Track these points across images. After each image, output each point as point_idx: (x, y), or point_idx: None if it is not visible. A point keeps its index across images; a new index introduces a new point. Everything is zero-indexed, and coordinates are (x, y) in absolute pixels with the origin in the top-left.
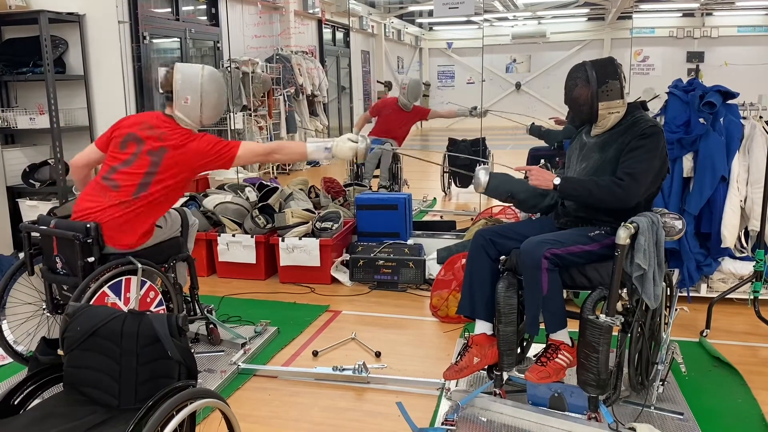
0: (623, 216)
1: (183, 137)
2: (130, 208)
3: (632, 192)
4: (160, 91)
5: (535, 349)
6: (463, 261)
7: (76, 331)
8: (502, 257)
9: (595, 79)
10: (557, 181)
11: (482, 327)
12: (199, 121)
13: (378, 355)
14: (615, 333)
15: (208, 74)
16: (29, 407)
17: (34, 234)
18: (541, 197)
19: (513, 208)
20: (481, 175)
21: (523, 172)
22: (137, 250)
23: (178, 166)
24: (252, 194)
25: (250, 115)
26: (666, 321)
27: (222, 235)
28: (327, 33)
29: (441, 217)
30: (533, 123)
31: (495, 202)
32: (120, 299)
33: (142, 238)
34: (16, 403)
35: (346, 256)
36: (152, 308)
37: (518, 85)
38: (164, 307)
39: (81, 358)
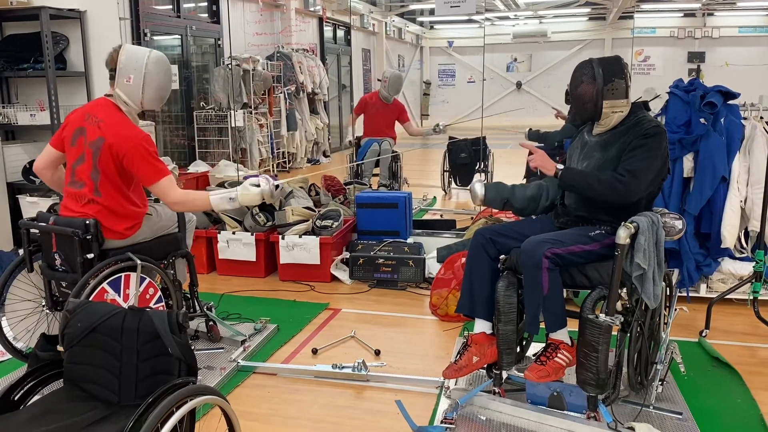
0: (623, 216)
1: (121, 125)
2: (101, 206)
3: (632, 188)
4: (108, 69)
5: (535, 348)
6: (463, 260)
7: (77, 327)
8: (502, 256)
9: (601, 77)
10: (560, 166)
11: (482, 326)
12: (140, 102)
13: (377, 353)
14: (614, 332)
15: (155, 56)
16: (29, 403)
17: (33, 231)
18: (536, 202)
19: None
20: (477, 188)
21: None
22: (133, 243)
23: (113, 157)
24: None
25: (251, 113)
26: (665, 321)
27: (222, 232)
28: (328, 31)
29: (441, 215)
30: (530, 129)
31: None
32: (119, 295)
33: (130, 229)
34: (16, 398)
35: (346, 255)
36: (151, 305)
37: (519, 85)
38: (163, 303)
39: (81, 355)
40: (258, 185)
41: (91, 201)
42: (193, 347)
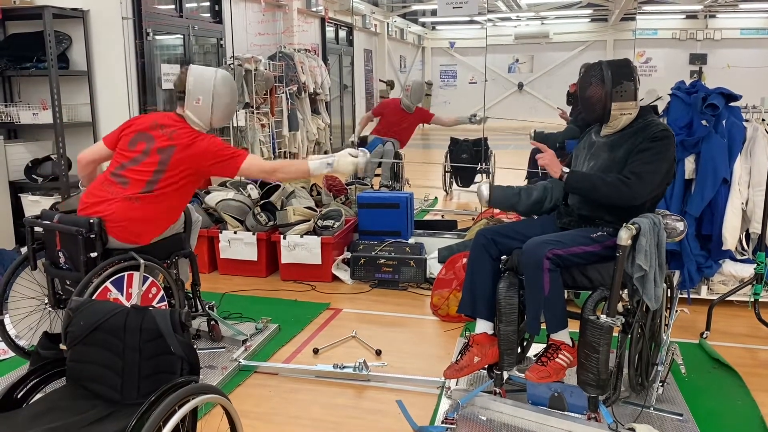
0: (625, 217)
1: (191, 137)
2: (137, 204)
3: (638, 191)
4: (175, 91)
5: (536, 348)
6: (464, 260)
7: (80, 325)
8: (504, 257)
9: (610, 79)
10: (566, 170)
11: (483, 326)
12: (209, 122)
13: (378, 353)
14: (615, 334)
15: (221, 77)
16: (32, 401)
17: (37, 229)
18: (540, 205)
19: None
20: (483, 189)
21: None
22: (144, 246)
23: (185, 165)
24: (254, 191)
25: (253, 113)
26: (666, 322)
27: (224, 232)
28: (330, 31)
29: (442, 216)
30: (534, 130)
31: None
32: (122, 294)
33: (150, 234)
34: (19, 396)
35: (347, 255)
36: (154, 304)
37: (520, 86)
38: (166, 303)
39: (84, 353)
40: (356, 156)
41: (129, 199)
42: (194, 346)
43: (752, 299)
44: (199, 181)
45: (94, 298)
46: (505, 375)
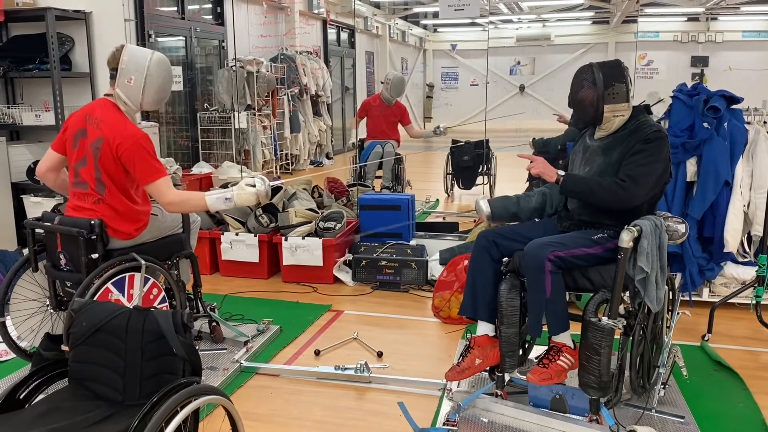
0: (626, 219)
1: (120, 125)
2: (103, 204)
3: (633, 193)
4: (109, 68)
5: (537, 350)
6: (466, 262)
7: (82, 326)
8: (505, 259)
9: (601, 81)
10: (561, 173)
11: (484, 328)
12: (140, 103)
13: (380, 355)
14: (617, 336)
15: (156, 58)
16: (34, 402)
17: (38, 230)
18: (541, 212)
19: None
20: (483, 205)
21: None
22: (138, 243)
23: (112, 158)
24: None
25: (254, 115)
26: (668, 324)
27: (225, 233)
28: (332, 33)
29: (444, 218)
30: (534, 138)
31: None
32: (123, 296)
33: (132, 226)
34: (21, 397)
35: (348, 256)
36: (155, 305)
37: (522, 88)
38: (167, 304)
39: (86, 354)
40: (254, 185)
41: (98, 200)
42: (196, 348)
43: (754, 302)
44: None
45: (95, 299)
46: (507, 377)
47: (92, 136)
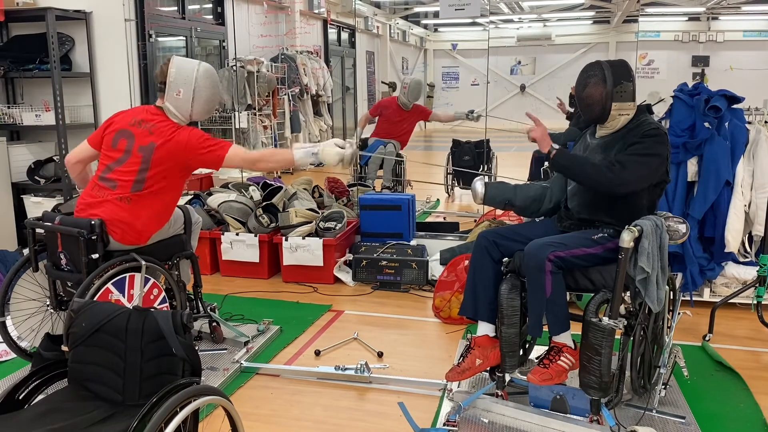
0: (627, 219)
1: (171, 131)
2: (128, 205)
3: (622, 178)
4: (157, 81)
5: (538, 351)
6: (466, 262)
7: (82, 327)
8: (506, 259)
9: (611, 79)
10: (555, 146)
11: (485, 328)
12: (189, 115)
13: (380, 355)
14: (617, 336)
15: (203, 70)
16: (34, 402)
17: (38, 230)
18: (539, 203)
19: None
20: (478, 186)
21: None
22: (143, 246)
23: (169, 160)
24: (256, 193)
25: (255, 115)
26: (669, 325)
27: (226, 233)
28: (332, 33)
29: (444, 218)
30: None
31: None
32: (124, 296)
33: (147, 233)
34: (20, 397)
35: (349, 256)
36: (155, 305)
37: (523, 87)
38: (167, 304)
39: (86, 354)
40: (343, 147)
41: (121, 200)
42: (196, 348)
43: (755, 302)
44: (187, 175)
45: (95, 299)
46: (507, 377)
47: (142, 141)
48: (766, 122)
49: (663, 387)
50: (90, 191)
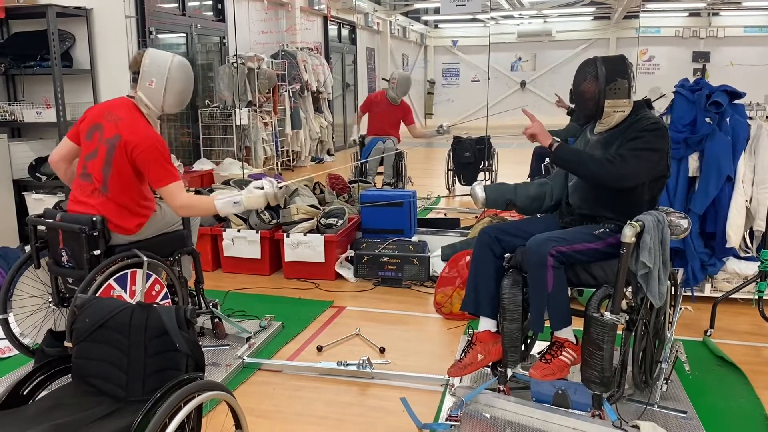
0: (628, 214)
1: (136, 131)
2: (106, 197)
3: (622, 171)
4: (130, 71)
5: (540, 346)
6: (468, 258)
7: (85, 322)
8: (507, 254)
9: (604, 76)
10: (556, 139)
11: (486, 324)
12: (161, 106)
13: (382, 350)
14: (619, 331)
15: (177, 62)
16: (38, 398)
17: (40, 227)
18: (540, 201)
19: None
20: (478, 190)
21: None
22: (139, 239)
23: (126, 162)
24: None
25: (255, 111)
26: (670, 320)
27: (227, 230)
28: (332, 30)
29: (445, 214)
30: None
31: None
32: (126, 292)
33: (133, 222)
34: (25, 393)
35: (350, 253)
36: (157, 301)
37: (523, 84)
38: (169, 300)
39: (89, 350)
40: (262, 188)
41: (100, 194)
42: (199, 343)
43: (756, 297)
44: (143, 179)
45: (97, 295)
46: (509, 372)
47: (109, 133)
48: (767, 118)
49: (664, 382)
50: (75, 191)
